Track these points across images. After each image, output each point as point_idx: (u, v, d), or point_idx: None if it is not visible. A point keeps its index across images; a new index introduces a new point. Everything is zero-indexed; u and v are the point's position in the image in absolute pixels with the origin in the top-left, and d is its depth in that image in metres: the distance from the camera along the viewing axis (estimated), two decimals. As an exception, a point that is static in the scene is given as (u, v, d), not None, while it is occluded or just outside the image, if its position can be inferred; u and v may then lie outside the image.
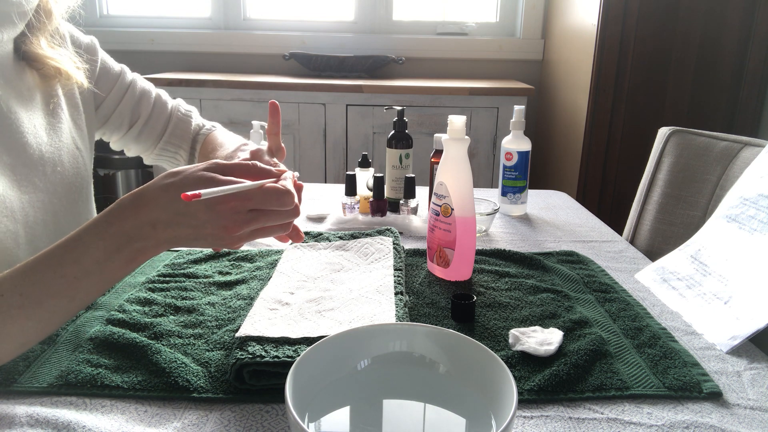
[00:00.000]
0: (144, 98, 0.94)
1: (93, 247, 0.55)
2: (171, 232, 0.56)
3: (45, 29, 0.77)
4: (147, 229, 0.55)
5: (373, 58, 2.30)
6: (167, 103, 0.98)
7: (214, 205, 0.55)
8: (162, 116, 0.96)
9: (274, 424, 0.53)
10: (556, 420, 0.54)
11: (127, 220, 0.56)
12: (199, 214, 0.55)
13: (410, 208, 1.09)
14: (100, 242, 0.55)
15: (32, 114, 0.75)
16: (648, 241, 1.16)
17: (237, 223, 0.56)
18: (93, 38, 0.90)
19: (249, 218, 0.57)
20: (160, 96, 0.97)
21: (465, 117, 0.83)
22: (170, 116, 0.97)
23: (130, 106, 0.92)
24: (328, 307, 0.69)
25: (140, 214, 0.56)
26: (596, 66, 1.85)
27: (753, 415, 0.55)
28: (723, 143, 1.08)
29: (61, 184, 0.78)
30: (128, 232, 0.55)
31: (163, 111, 0.96)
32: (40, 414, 0.52)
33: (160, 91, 0.98)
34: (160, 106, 0.96)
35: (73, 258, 0.55)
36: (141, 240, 0.56)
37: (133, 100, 0.93)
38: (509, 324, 0.70)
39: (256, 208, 0.57)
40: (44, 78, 0.78)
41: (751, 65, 1.83)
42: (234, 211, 0.56)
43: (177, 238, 0.57)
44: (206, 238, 0.57)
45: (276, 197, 0.57)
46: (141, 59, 2.48)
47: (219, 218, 0.55)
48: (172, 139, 0.96)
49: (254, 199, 0.56)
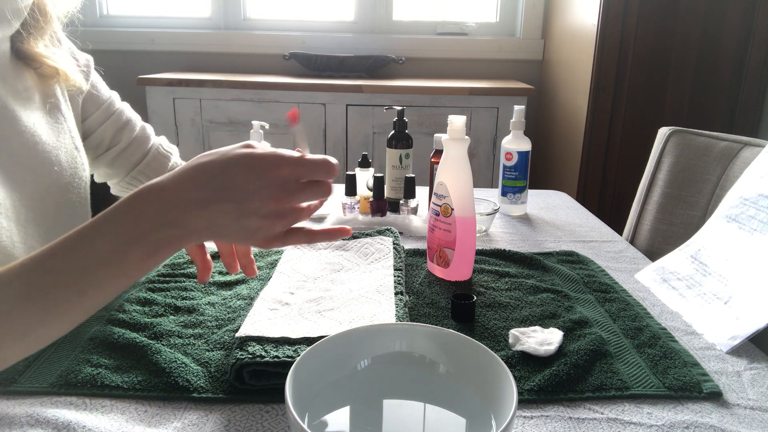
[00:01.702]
0: (128, 127, 0.94)
1: (111, 234, 0.49)
2: (208, 214, 0.51)
3: (43, 31, 0.76)
4: (176, 213, 0.50)
5: (373, 58, 2.30)
6: (150, 137, 0.97)
7: (263, 173, 0.52)
8: (142, 147, 0.95)
9: (274, 424, 0.53)
10: (556, 420, 0.54)
11: (151, 204, 0.50)
12: (248, 185, 0.51)
13: (410, 208, 1.09)
14: (119, 228, 0.49)
15: (30, 113, 0.75)
16: (648, 241, 1.16)
17: (289, 192, 0.53)
18: (89, 57, 0.90)
19: (298, 188, 0.53)
20: (145, 129, 0.97)
21: (465, 117, 0.83)
22: (149, 150, 0.96)
23: (113, 131, 0.92)
24: (328, 307, 0.69)
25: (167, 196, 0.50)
26: (596, 66, 1.85)
27: (753, 415, 0.55)
28: (723, 143, 1.08)
29: (58, 184, 0.78)
30: (152, 219, 0.50)
31: (144, 143, 0.96)
32: (40, 414, 0.52)
33: (146, 124, 0.98)
34: (142, 138, 0.96)
35: (88, 246, 0.49)
36: (165, 228, 0.50)
37: (117, 126, 0.92)
38: (509, 324, 0.70)
39: (305, 177, 0.54)
40: (43, 78, 0.78)
41: (751, 65, 1.83)
42: (285, 179, 0.52)
43: (213, 222, 0.51)
44: (250, 217, 0.52)
45: (325, 166, 0.54)
46: (141, 59, 2.48)
47: (270, 185, 0.52)
48: (147, 170, 0.95)
49: (306, 166, 0.53)
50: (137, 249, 0.49)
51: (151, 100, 2.08)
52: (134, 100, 2.49)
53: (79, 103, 0.87)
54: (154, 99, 2.08)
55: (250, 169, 0.51)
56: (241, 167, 0.51)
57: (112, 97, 0.93)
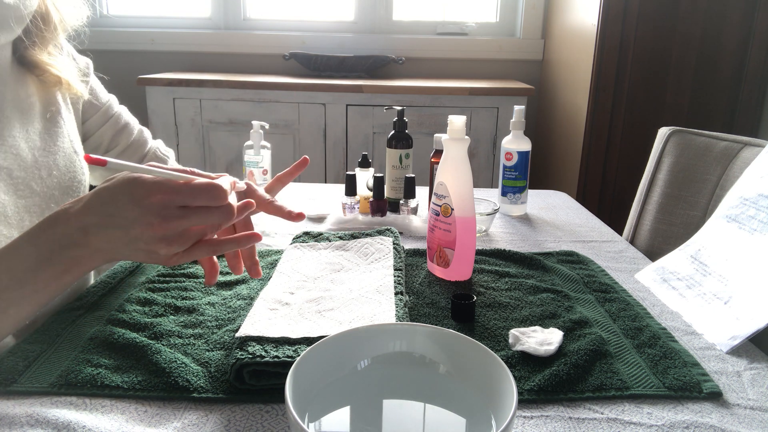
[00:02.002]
0: (126, 130, 0.95)
1: (25, 254, 0.53)
2: (102, 237, 0.54)
3: (46, 40, 0.76)
4: (78, 234, 0.53)
5: (373, 58, 2.31)
6: (147, 141, 0.98)
7: (140, 200, 0.52)
8: (139, 151, 0.96)
9: (274, 424, 0.53)
10: (556, 420, 0.54)
11: (58, 227, 0.54)
12: (127, 212, 0.52)
13: (410, 208, 1.09)
14: (31, 249, 0.53)
15: (30, 118, 0.75)
16: (648, 241, 1.16)
17: (165, 219, 0.53)
18: (89, 61, 0.90)
19: (179, 215, 0.53)
20: (143, 132, 0.98)
21: (465, 117, 0.83)
22: (147, 153, 0.97)
23: (111, 134, 0.93)
24: (328, 307, 0.69)
25: (71, 220, 0.54)
26: (596, 66, 1.85)
27: (753, 415, 0.55)
28: (723, 143, 1.08)
29: (58, 188, 0.78)
30: (60, 239, 0.53)
31: (142, 146, 0.97)
32: (40, 414, 0.52)
33: (143, 128, 0.99)
34: (139, 142, 0.97)
35: (6, 266, 0.52)
36: (74, 247, 0.53)
37: (115, 129, 0.93)
38: (509, 324, 0.70)
39: (184, 204, 0.53)
40: (45, 85, 0.78)
41: (751, 65, 1.83)
42: (161, 206, 0.52)
43: (110, 245, 0.54)
44: (137, 242, 0.54)
45: (205, 191, 0.53)
46: (141, 59, 2.48)
47: (146, 214, 0.52)
48: None
49: (182, 192, 0.53)
50: (51, 267, 0.53)
51: (151, 100, 2.08)
52: (134, 100, 2.49)
53: (80, 106, 0.87)
54: (154, 99, 2.08)
55: (130, 196, 0.53)
56: (124, 194, 0.53)
57: (110, 101, 0.94)
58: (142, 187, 0.53)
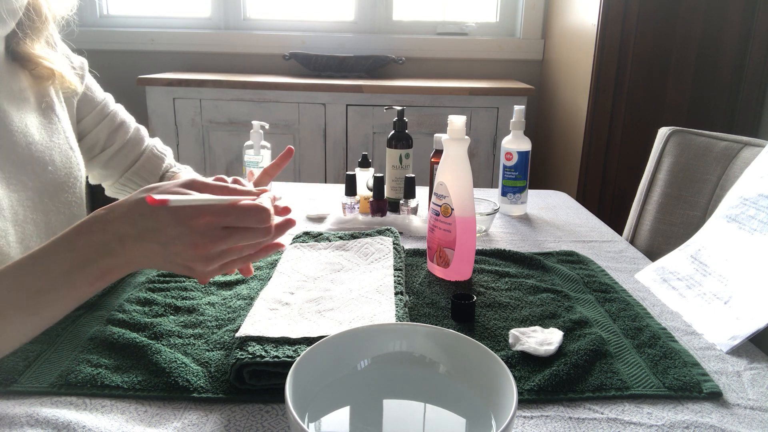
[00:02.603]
0: (122, 128, 0.94)
1: (61, 259, 0.53)
2: (140, 250, 0.54)
3: (38, 32, 0.76)
4: (115, 244, 0.53)
5: (373, 58, 2.30)
6: (144, 139, 0.97)
7: (186, 220, 0.53)
8: (136, 149, 0.95)
9: (274, 424, 0.53)
10: (556, 420, 0.54)
11: (96, 234, 0.53)
12: (169, 229, 0.53)
13: (410, 208, 1.09)
14: (68, 254, 0.53)
15: (24, 113, 0.75)
16: (648, 241, 1.16)
17: (210, 240, 0.53)
18: (84, 60, 0.90)
19: (222, 236, 0.54)
20: (139, 130, 0.97)
21: (465, 117, 0.83)
22: (144, 151, 0.96)
23: (107, 132, 0.92)
24: (328, 307, 0.69)
25: (109, 228, 0.54)
26: (596, 66, 1.85)
27: (753, 415, 0.55)
28: (723, 143, 1.08)
29: (52, 184, 0.78)
30: (96, 247, 0.53)
31: (138, 144, 0.96)
32: (40, 414, 0.52)
33: (140, 126, 0.98)
34: (136, 139, 0.96)
35: (41, 270, 0.52)
36: (109, 256, 0.54)
37: (111, 127, 0.93)
38: (509, 324, 0.70)
39: (231, 225, 0.54)
40: (38, 79, 0.78)
41: (751, 65, 1.83)
42: (208, 227, 0.53)
43: (146, 257, 0.55)
44: (175, 258, 0.54)
45: (253, 214, 0.54)
46: (141, 59, 2.48)
47: (190, 234, 0.53)
48: (141, 171, 0.95)
49: (231, 215, 0.54)
50: (85, 273, 0.53)
51: (151, 100, 2.08)
52: (134, 100, 2.49)
53: (74, 104, 0.87)
54: (154, 99, 2.08)
55: (174, 214, 0.53)
56: (168, 212, 0.53)
57: (106, 99, 0.93)
58: (189, 207, 0.53)
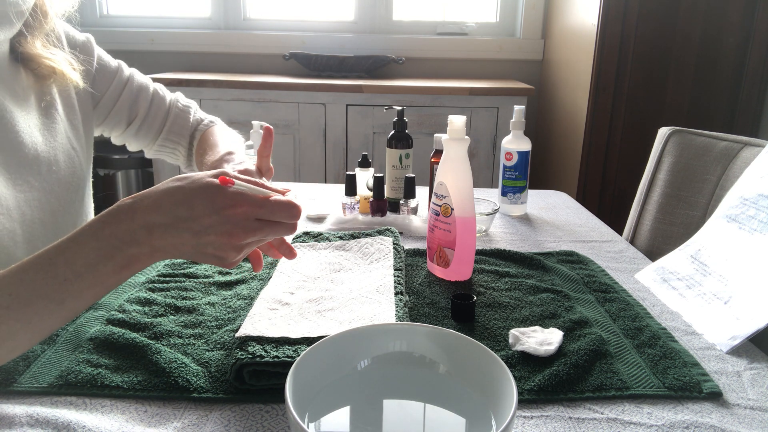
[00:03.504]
0: (142, 94, 0.94)
1: (87, 248, 0.53)
2: (169, 239, 0.54)
3: (41, 29, 0.77)
4: (142, 233, 0.54)
5: (373, 58, 2.30)
6: (165, 98, 0.97)
7: (222, 209, 0.54)
8: (160, 112, 0.96)
9: (274, 424, 0.53)
10: (556, 420, 0.54)
11: (122, 223, 0.54)
12: (204, 219, 0.53)
13: (410, 208, 1.09)
14: (94, 243, 0.53)
15: (27, 114, 0.75)
16: (648, 241, 1.16)
17: (244, 230, 0.55)
18: (89, 36, 0.89)
19: (255, 227, 0.55)
20: (158, 91, 0.97)
21: (465, 117, 0.83)
22: (168, 111, 0.97)
23: (128, 104, 0.92)
24: (328, 307, 0.69)
25: (137, 217, 0.54)
26: (596, 66, 1.85)
27: (753, 415, 0.55)
28: (723, 143, 1.08)
29: (58, 184, 0.78)
30: (122, 236, 0.53)
31: (161, 107, 0.96)
32: (40, 414, 0.52)
33: (157, 85, 0.98)
34: (158, 102, 0.96)
35: (66, 259, 0.53)
36: (135, 245, 0.54)
37: (131, 97, 0.93)
38: (509, 324, 0.70)
39: (263, 218, 0.56)
40: (39, 78, 0.78)
41: (751, 65, 1.83)
42: (243, 217, 0.54)
43: (174, 247, 0.55)
44: (206, 247, 0.55)
45: (288, 209, 0.56)
46: (141, 59, 2.48)
47: (225, 223, 0.54)
48: (170, 135, 0.97)
49: (266, 207, 0.55)
50: (111, 262, 0.53)
51: (151, 100, 2.08)
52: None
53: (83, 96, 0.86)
54: (154, 99, 2.08)
55: (210, 203, 0.53)
56: (203, 200, 0.53)
57: (120, 66, 0.93)
58: (225, 197, 0.54)
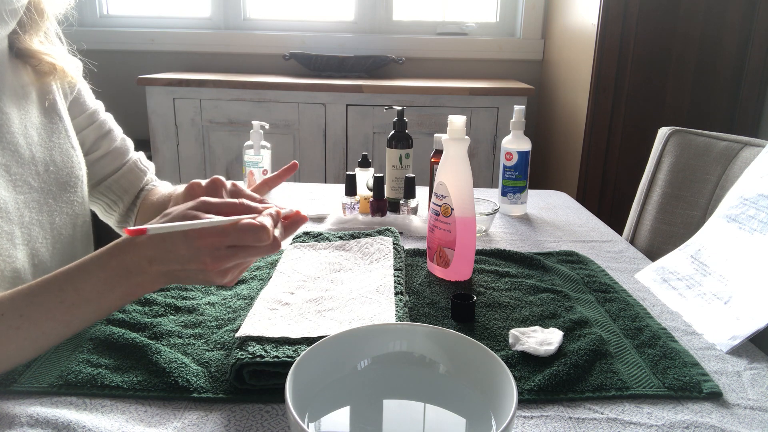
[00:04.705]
0: (109, 136, 0.92)
1: (95, 277, 0.57)
2: (164, 268, 0.57)
3: (39, 28, 0.77)
4: (144, 264, 0.57)
5: (373, 58, 2.30)
6: (129, 151, 0.96)
7: (192, 241, 0.56)
8: (119, 159, 0.93)
9: (274, 424, 0.53)
10: (556, 420, 0.54)
11: (128, 254, 0.57)
12: (181, 251, 0.56)
13: (410, 208, 1.09)
14: (102, 273, 0.57)
15: (25, 112, 0.75)
16: (648, 241, 1.16)
17: (216, 260, 0.57)
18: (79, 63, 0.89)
19: (228, 254, 0.57)
20: (125, 141, 0.96)
21: (465, 117, 0.83)
22: (126, 162, 0.94)
23: (94, 137, 0.91)
24: (328, 307, 0.69)
25: (138, 250, 0.57)
26: (596, 66, 1.85)
27: (753, 415, 0.55)
28: (723, 143, 1.08)
29: (56, 184, 0.78)
30: (128, 266, 0.57)
31: (123, 155, 0.94)
32: (40, 414, 0.52)
33: (127, 138, 0.97)
34: (121, 150, 0.94)
35: (75, 286, 0.56)
36: (139, 274, 0.57)
37: (99, 133, 0.91)
38: (509, 324, 0.70)
39: (233, 244, 0.57)
40: (40, 75, 0.78)
41: (751, 65, 1.83)
42: (212, 247, 0.56)
43: (171, 274, 0.58)
44: (196, 275, 0.58)
45: (252, 233, 0.57)
46: (141, 59, 2.48)
47: (199, 254, 0.56)
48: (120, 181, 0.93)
49: (231, 235, 0.56)
50: (117, 290, 0.57)
51: (151, 100, 2.08)
52: (134, 100, 2.49)
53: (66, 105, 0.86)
54: (154, 99, 2.08)
55: (184, 236, 0.56)
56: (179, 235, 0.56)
57: (97, 108, 0.92)
58: (193, 229, 0.56)
